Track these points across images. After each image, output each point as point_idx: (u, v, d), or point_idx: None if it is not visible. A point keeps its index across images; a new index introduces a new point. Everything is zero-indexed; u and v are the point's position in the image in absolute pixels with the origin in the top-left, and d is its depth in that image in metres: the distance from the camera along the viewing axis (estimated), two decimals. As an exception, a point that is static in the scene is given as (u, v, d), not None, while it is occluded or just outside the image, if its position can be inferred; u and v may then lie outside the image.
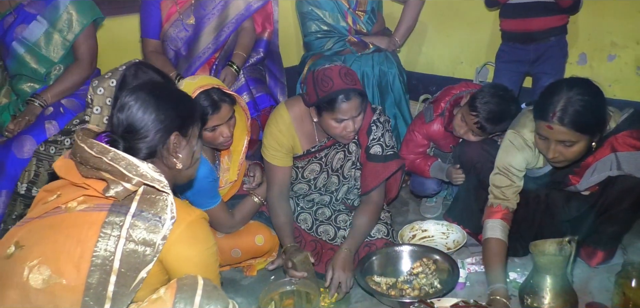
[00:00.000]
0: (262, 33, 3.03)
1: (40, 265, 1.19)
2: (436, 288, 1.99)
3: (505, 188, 1.99)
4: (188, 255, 1.30)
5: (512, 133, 2.02)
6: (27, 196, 2.06)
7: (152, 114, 1.36)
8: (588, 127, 1.78)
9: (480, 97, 2.25)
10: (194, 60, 2.81)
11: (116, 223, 1.22)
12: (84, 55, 2.66)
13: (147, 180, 1.27)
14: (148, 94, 1.38)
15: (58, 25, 2.60)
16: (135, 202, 1.26)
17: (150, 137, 1.36)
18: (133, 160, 1.27)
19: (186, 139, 1.44)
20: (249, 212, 2.30)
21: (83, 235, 1.21)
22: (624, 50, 2.74)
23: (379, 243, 2.23)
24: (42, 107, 2.55)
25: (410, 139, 2.62)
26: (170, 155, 1.41)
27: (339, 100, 2.02)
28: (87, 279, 1.18)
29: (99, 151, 1.26)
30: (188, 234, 1.30)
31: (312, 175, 2.34)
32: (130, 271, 1.21)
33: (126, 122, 1.36)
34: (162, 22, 2.82)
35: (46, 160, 2.03)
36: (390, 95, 3.02)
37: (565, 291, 1.79)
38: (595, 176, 1.97)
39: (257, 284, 2.23)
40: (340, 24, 2.99)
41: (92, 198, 1.28)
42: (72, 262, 1.19)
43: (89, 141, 1.28)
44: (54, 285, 1.18)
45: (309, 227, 2.35)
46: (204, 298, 1.21)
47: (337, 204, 2.43)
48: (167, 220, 1.25)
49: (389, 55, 3.04)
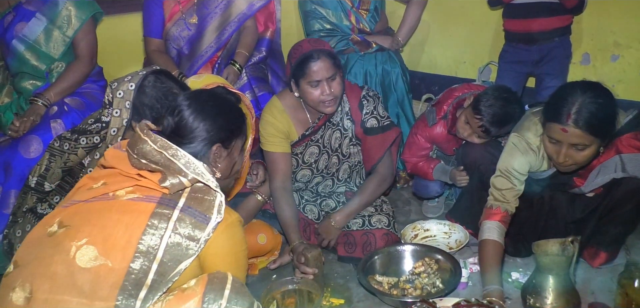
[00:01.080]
0: (265, 32, 3.03)
1: (88, 245, 1.24)
2: (438, 287, 1.98)
3: (506, 191, 1.97)
4: (223, 254, 1.36)
5: (515, 136, 2.00)
6: (37, 190, 2.08)
7: (199, 123, 1.44)
8: (602, 130, 1.77)
9: (484, 100, 2.24)
10: (197, 59, 2.81)
11: (165, 215, 1.28)
12: (83, 51, 2.67)
13: (203, 179, 1.34)
14: (199, 102, 1.47)
15: (57, 21, 2.61)
16: (184, 198, 1.32)
17: (194, 144, 1.43)
18: (192, 159, 1.35)
19: (228, 151, 1.51)
20: (251, 210, 2.31)
21: (132, 222, 1.26)
22: (628, 50, 2.74)
23: (378, 234, 2.23)
24: (46, 106, 2.55)
25: (412, 142, 2.62)
26: (209, 165, 1.46)
27: (308, 61, 2.08)
28: (130, 264, 1.22)
29: (161, 146, 1.35)
30: (227, 235, 1.36)
31: (313, 158, 2.36)
32: (171, 262, 1.26)
33: (174, 124, 1.44)
34: (164, 21, 2.83)
35: (58, 156, 2.04)
36: (393, 94, 3.02)
37: (568, 291, 1.78)
38: (599, 178, 1.96)
39: (258, 283, 2.23)
40: (344, 22, 2.99)
41: (142, 189, 1.34)
42: (119, 246, 1.24)
43: (153, 136, 1.36)
44: (99, 265, 1.22)
45: (316, 218, 2.39)
46: (232, 293, 1.26)
47: (340, 186, 2.44)
48: (212, 219, 1.31)
49: (392, 54, 3.04)
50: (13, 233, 2.10)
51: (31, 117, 2.49)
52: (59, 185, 2.09)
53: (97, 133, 2.01)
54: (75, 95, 2.65)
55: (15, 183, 2.35)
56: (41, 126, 2.46)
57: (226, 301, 1.24)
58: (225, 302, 1.24)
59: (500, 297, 1.81)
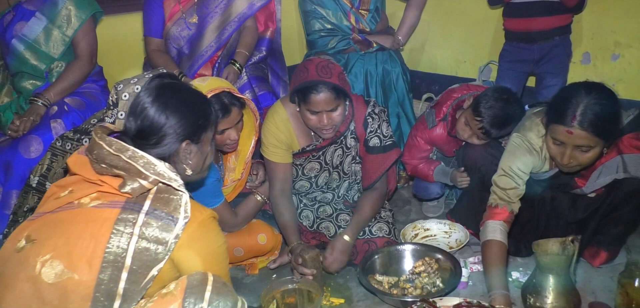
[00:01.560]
0: (265, 31, 3.03)
1: (53, 260, 1.20)
2: (438, 287, 1.98)
3: (510, 191, 1.97)
4: (199, 254, 1.32)
5: (517, 136, 2.00)
6: (39, 189, 2.08)
7: (162, 121, 1.37)
8: (606, 131, 1.76)
9: (484, 102, 2.23)
10: (197, 58, 2.81)
11: (129, 220, 1.23)
12: (83, 51, 2.67)
13: (164, 179, 1.28)
14: (163, 99, 1.38)
15: (57, 21, 2.61)
16: (149, 201, 1.27)
17: (161, 144, 1.37)
18: (151, 159, 1.28)
19: (198, 146, 1.45)
20: (251, 211, 2.31)
21: (96, 231, 1.22)
22: (628, 49, 2.73)
23: (379, 242, 2.23)
24: (46, 106, 2.55)
25: (412, 144, 2.60)
26: (180, 162, 1.42)
27: (310, 90, 2.04)
28: (98, 275, 1.18)
29: (117, 149, 1.28)
30: (199, 233, 1.31)
31: (313, 173, 2.34)
32: (141, 268, 1.22)
33: (139, 127, 1.37)
34: (165, 21, 2.82)
35: (60, 156, 2.05)
36: (393, 94, 3.02)
37: (568, 291, 1.78)
38: (601, 179, 1.96)
39: (258, 283, 2.23)
40: (344, 23, 2.99)
41: (106, 195, 1.29)
42: (85, 257, 1.20)
43: (108, 139, 1.30)
44: (66, 280, 1.18)
45: (311, 224, 2.35)
46: (213, 293, 1.22)
47: (339, 202, 2.43)
48: (180, 219, 1.26)
49: (393, 54, 3.04)
50: (13, 233, 2.10)
51: (31, 117, 2.49)
52: (59, 185, 2.09)
53: None
54: (75, 95, 2.65)
55: (16, 183, 2.35)
56: (41, 126, 2.46)
57: (207, 303, 1.20)
58: (206, 305, 1.20)
59: (507, 302, 1.79)
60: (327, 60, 2.11)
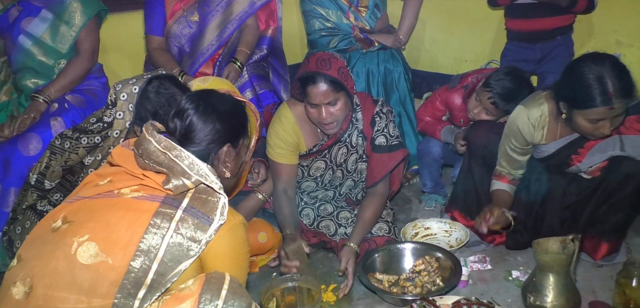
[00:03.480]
0: (266, 30, 3.03)
1: (89, 242, 1.23)
2: (438, 286, 1.98)
3: (510, 162, 2.14)
4: (225, 256, 1.35)
5: (518, 108, 2.10)
6: (37, 187, 2.08)
7: (209, 124, 1.44)
8: (634, 87, 1.83)
9: (495, 76, 2.39)
10: (198, 56, 2.81)
11: (167, 214, 1.27)
12: (86, 48, 2.68)
13: (206, 180, 1.33)
14: (207, 103, 1.46)
15: (64, 16, 2.62)
16: (188, 198, 1.31)
17: (204, 145, 1.43)
18: (196, 160, 1.33)
19: (236, 151, 1.51)
20: (252, 209, 2.31)
21: (134, 220, 1.25)
22: (630, 49, 2.73)
23: (379, 241, 2.23)
24: (47, 103, 2.55)
25: (430, 101, 2.78)
26: (220, 164, 1.48)
27: (308, 82, 2.05)
28: (130, 262, 1.21)
29: (165, 147, 1.33)
30: (229, 237, 1.35)
31: (318, 172, 2.34)
32: (172, 262, 1.25)
33: (185, 128, 1.43)
34: (166, 19, 2.83)
35: (59, 154, 2.05)
36: (395, 93, 3.02)
37: (568, 289, 1.78)
38: (597, 155, 2.01)
39: (258, 281, 2.23)
40: (343, 21, 2.99)
41: (147, 189, 1.33)
42: (121, 244, 1.23)
43: (158, 136, 1.35)
44: (99, 263, 1.21)
45: (311, 222, 2.35)
46: (229, 293, 1.25)
47: (340, 200, 2.43)
48: (215, 220, 1.30)
49: (395, 53, 3.04)
50: (13, 230, 2.11)
51: (31, 114, 2.49)
52: (59, 183, 2.10)
53: (98, 133, 2.02)
54: (76, 93, 2.66)
55: (15, 180, 2.35)
56: (41, 124, 2.46)
57: (223, 301, 1.23)
58: (221, 303, 1.22)
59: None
60: (330, 54, 2.12)
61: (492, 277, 2.12)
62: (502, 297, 1.99)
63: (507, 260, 2.24)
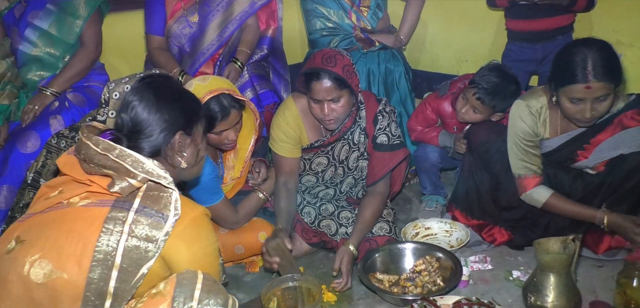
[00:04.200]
0: (266, 30, 3.03)
1: (41, 260, 1.19)
2: (439, 286, 1.98)
3: (526, 157, 2.12)
4: (190, 252, 1.31)
5: (516, 102, 2.12)
6: (34, 186, 2.09)
7: (156, 113, 1.36)
8: (617, 73, 1.88)
9: (479, 73, 2.40)
10: (198, 56, 2.81)
11: (119, 218, 1.22)
12: (89, 39, 2.72)
13: (153, 177, 1.28)
14: (152, 93, 1.38)
15: (69, 9, 2.66)
16: (139, 198, 1.26)
17: (154, 136, 1.36)
18: (139, 157, 1.28)
19: (191, 138, 1.45)
20: (253, 209, 2.31)
21: (85, 230, 1.21)
22: (630, 48, 2.72)
23: (380, 241, 2.23)
24: (54, 96, 2.57)
25: (420, 110, 2.74)
26: (175, 154, 1.41)
27: (312, 77, 2.05)
28: (88, 274, 1.18)
29: (105, 148, 1.27)
30: (190, 231, 1.30)
31: (320, 168, 2.35)
32: (131, 267, 1.21)
33: (131, 121, 1.36)
34: (166, 19, 2.83)
35: (55, 153, 2.06)
36: (395, 93, 3.02)
37: (569, 289, 1.78)
38: (605, 153, 2.03)
39: (259, 281, 2.23)
40: (345, 21, 2.98)
41: (95, 195, 1.28)
42: (74, 257, 1.19)
43: (95, 138, 1.29)
44: (55, 279, 1.18)
45: (312, 221, 2.35)
46: (203, 292, 1.21)
47: (341, 198, 2.43)
48: (170, 216, 1.25)
49: (396, 53, 3.03)
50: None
51: (36, 105, 2.51)
52: (56, 182, 2.10)
53: None
54: (77, 91, 2.66)
55: (9, 178, 2.36)
56: (40, 122, 2.47)
57: (197, 302, 1.19)
58: (196, 304, 1.19)
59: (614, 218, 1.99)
60: (336, 51, 2.12)
61: (492, 277, 2.12)
62: (503, 297, 1.99)
63: (507, 260, 2.24)
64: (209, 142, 2.12)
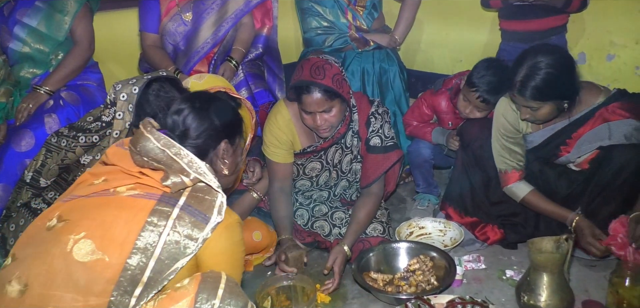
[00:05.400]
0: (261, 29, 3.02)
1: (86, 239, 1.22)
2: (433, 285, 1.99)
3: (506, 153, 2.17)
4: (221, 255, 1.35)
5: (501, 99, 2.20)
6: (32, 185, 2.08)
7: (207, 121, 1.47)
8: (548, 94, 1.95)
9: (475, 73, 2.39)
10: (193, 55, 2.80)
11: (164, 212, 1.27)
12: (81, 36, 2.70)
13: (205, 178, 1.33)
14: (203, 101, 1.50)
15: (57, 5, 2.64)
16: (185, 197, 1.32)
17: (201, 141, 1.46)
18: (194, 159, 1.34)
19: (233, 148, 1.54)
20: (247, 208, 2.31)
21: (131, 218, 1.25)
22: (623, 49, 2.74)
23: (374, 242, 2.23)
24: (48, 94, 2.56)
25: (416, 106, 2.77)
26: (218, 160, 1.50)
27: (302, 91, 2.05)
28: (127, 260, 1.21)
29: (165, 144, 1.34)
30: (226, 235, 1.35)
31: (314, 172, 2.34)
32: (168, 260, 1.25)
33: (183, 124, 1.45)
34: (161, 16, 2.82)
35: (56, 152, 2.05)
36: (390, 92, 3.02)
37: (562, 289, 1.79)
38: (586, 145, 2.06)
39: (253, 280, 2.23)
40: (340, 20, 2.99)
41: (143, 186, 1.33)
42: (117, 242, 1.22)
43: (157, 133, 1.35)
44: (96, 260, 1.21)
45: (305, 223, 2.35)
46: (226, 292, 1.24)
47: (335, 200, 2.43)
48: (212, 218, 1.30)
49: (390, 52, 3.04)
50: (7, 227, 2.10)
51: (30, 103, 2.50)
52: (54, 181, 2.09)
53: (96, 132, 2.02)
54: (71, 90, 2.65)
55: (4, 177, 2.35)
56: (34, 120, 2.46)
57: (219, 301, 1.22)
58: (218, 302, 1.22)
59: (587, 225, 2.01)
60: (324, 61, 2.09)
61: (486, 276, 2.13)
62: (496, 296, 2.00)
63: (501, 259, 2.25)
64: None
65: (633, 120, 1.96)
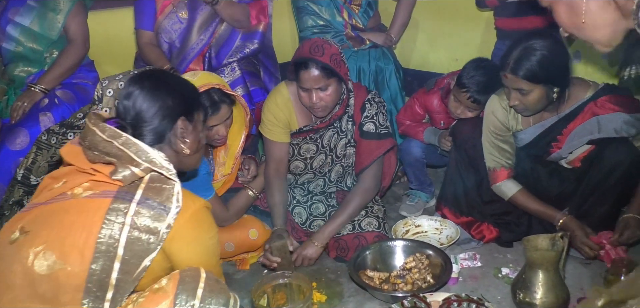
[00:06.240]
0: (257, 25, 3.00)
1: (45, 251, 1.19)
2: (429, 283, 1.98)
3: (495, 151, 2.18)
4: (190, 245, 1.31)
5: (491, 97, 2.21)
6: (23, 183, 2.07)
7: (158, 100, 1.39)
8: (540, 76, 1.92)
9: (465, 74, 2.38)
10: (188, 52, 2.79)
11: (121, 210, 1.22)
12: (76, 34, 2.69)
13: (156, 166, 1.27)
14: (153, 81, 1.41)
15: (50, 4, 2.63)
16: (141, 190, 1.26)
17: (157, 122, 1.39)
18: (143, 146, 1.28)
19: (192, 124, 1.47)
20: (243, 206, 2.30)
21: (88, 221, 1.21)
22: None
23: (369, 237, 2.23)
24: (43, 93, 2.55)
25: (409, 105, 2.77)
26: (178, 140, 1.43)
27: (300, 66, 2.09)
28: (90, 265, 1.18)
29: (110, 135, 1.27)
30: (192, 223, 1.31)
31: (309, 154, 2.36)
32: (134, 258, 1.21)
33: (134, 109, 1.37)
34: (156, 14, 2.81)
35: (46, 150, 2.04)
36: (386, 91, 3.02)
37: (557, 286, 1.79)
38: (576, 140, 2.05)
39: (249, 278, 2.23)
40: (336, 18, 2.98)
41: (98, 184, 1.28)
42: (77, 248, 1.19)
43: (101, 124, 1.29)
44: (58, 271, 1.18)
45: (303, 222, 2.35)
46: (206, 291, 1.21)
47: (331, 187, 2.44)
48: (172, 208, 1.25)
49: (386, 51, 3.04)
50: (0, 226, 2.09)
51: (25, 102, 2.48)
52: (45, 179, 2.08)
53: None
54: (66, 88, 2.64)
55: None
56: (29, 118, 2.45)
57: (199, 301, 1.19)
58: (198, 303, 1.19)
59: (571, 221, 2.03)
60: (324, 41, 2.14)
61: (482, 274, 2.13)
62: (492, 293, 2.00)
63: (496, 257, 2.25)
64: None
65: (622, 114, 1.97)
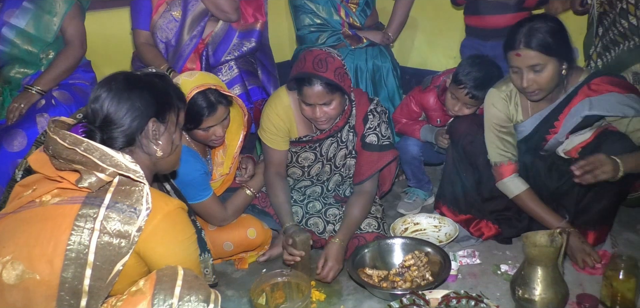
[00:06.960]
0: (254, 23, 3.00)
1: (14, 261, 1.17)
2: (428, 280, 1.98)
3: (501, 144, 2.16)
4: (164, 246, 1.29)
5: (489, 91, 2.19)
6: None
7: (127, 102, 1.34)
8: (553, 47, 1.92)
9: (461, 70, 2.38)
10: (183, 49, 2.78)
11: (90, 215, 1.20)
12: (73, 36, 2.68)
13: (122, 170, 1.24)
14: (121, 82, 1.36)
15: (45, 6, 2.61)
16: (110, 194, 1.23)
17: (126, 125, 1.34)
18: (107, 151, 1.24)
19: (165, 125, 1.43)
20: (241, 205, 2.30)
21: (56, 228, 1.19)
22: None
23: (368, 237, 2.23)
24: (40, 94, 2.53)
25: (405, 103, 2.75)
26: (150, 142, 1.40)
27: (303, 82, 2.06)
28: (61, 273, 1.16)
29: (72, 142, 1.23)
30: (165, 225, 1.28)
31: (307, 162, 2.35)
32: (105, 264, 1.19)
33: (102, 112, 1.34)
34: (152, 13, 2.80)
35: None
36: (383, 89, 3.02)
37: (556, 282, 1.79)
38: (570, 120, 2.05)
39: (248, 277, 2.22)
40: (334, 17, 2.98)
41: (66, 191, 1.26)
42: (46, 257, 1.17)
43: (62, 133, 1.25)
44: (27, 280, 1.16)
45: (299, 220, 2.35)
46: (184, 288, 1.18)
47: (328, 196, 2.42)
48: (142, 211, 1.22)
49: (383, 49, 3.04)
50: None
51: (22, 103, 2.47)
52: (44, 179, 2.07)
53: None
54: (63, 89, 2.63)
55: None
56: (27, 120, 2.44)
57: (177, 299, 1.16)
58: (176, 301, 1.16)
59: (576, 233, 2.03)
60: (327, 53, 2.10)
61: (480, 271, 2.13)
62: (491, 290, 2.00)
63: (495, 254, 2.25)
64: (197, 138, 2.11)
65: (617, 94, 1.97)
